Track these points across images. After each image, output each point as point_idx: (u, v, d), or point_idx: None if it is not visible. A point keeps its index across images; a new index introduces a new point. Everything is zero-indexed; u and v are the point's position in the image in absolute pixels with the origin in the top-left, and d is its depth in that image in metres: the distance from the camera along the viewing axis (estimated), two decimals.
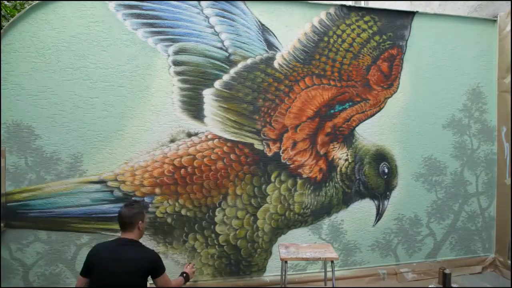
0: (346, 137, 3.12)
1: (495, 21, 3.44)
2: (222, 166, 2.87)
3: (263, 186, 2.95)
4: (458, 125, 3.39)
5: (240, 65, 2.87)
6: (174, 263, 2.83)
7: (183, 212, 2.82)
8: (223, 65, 2.85)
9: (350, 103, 3.11)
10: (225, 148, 2.87)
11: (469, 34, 3.39)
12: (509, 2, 3.32)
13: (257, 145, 2.94)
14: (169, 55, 2.76)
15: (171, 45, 2.76)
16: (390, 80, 3.20)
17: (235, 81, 2.87)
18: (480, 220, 3.49)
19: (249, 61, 2.89)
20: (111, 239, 2.19)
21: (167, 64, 2.77)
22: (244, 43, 2.88)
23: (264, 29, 2.93)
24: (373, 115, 3.18)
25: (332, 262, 2.47)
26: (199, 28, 2.81)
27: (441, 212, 3.39)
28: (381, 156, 3.21)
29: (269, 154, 2.96)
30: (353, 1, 6.16)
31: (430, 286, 3.04)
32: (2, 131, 2.56)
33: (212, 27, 2.83)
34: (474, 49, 3.41)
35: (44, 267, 2.65)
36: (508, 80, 3.34)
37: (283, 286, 2.59)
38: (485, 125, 3.46)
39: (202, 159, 2.83)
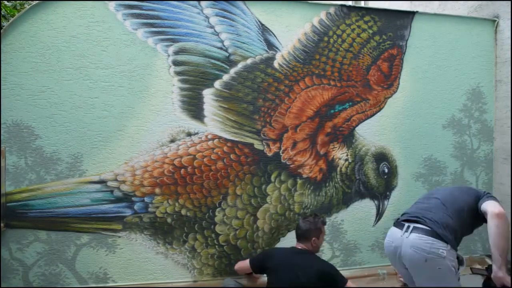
0: (346, 137, 3.12)
1: (495, 21, 3.44)
2: (222, 166, 2.87)
3: (263, 186, 2.95)
4: (458, 125, 3.39)
5: (240, 65, 2.87)
6: (174, 263, 2.83)
7: (183, 212, 2.82)
8: (223, 65, 2.85)
9: (350, 103, 3.11)
10: (225, 148, 2.87)
11: (469, 34, 3.39)
12: (509, 2, 3.32)
13: (257, 145, 2.94)
14: (169, 55, 2.76)
15: (171, 45, 2.76)
16: (390, 80, 3.20)
17: (235, 81, 2.87)
18: None
19: (249, 61, 2.89)
20: (288, 247, 2.35)
21: (167, 64, 2.77)
22: (244, 43, 2.88)
23: (264, 29, 2.93)
24: (373, 115, 3.18)
25: None
26: (199, 28, 2.81)
27: None
28: (381, 156, 3.21)
29: (269, 154, 2.96)
30: (353, 1, 6.16)
31: None
32: (2, 131, 2.56)
33: (212, 27, 2.83)
34: (474, 49, 3.41)
35: (44, 267, 2.65)
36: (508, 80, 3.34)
37: None
38: (485, 125, 3.47)
39: (202, 159, 2.83)
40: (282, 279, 2.17)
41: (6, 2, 4.50)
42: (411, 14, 3.24)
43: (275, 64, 2.95)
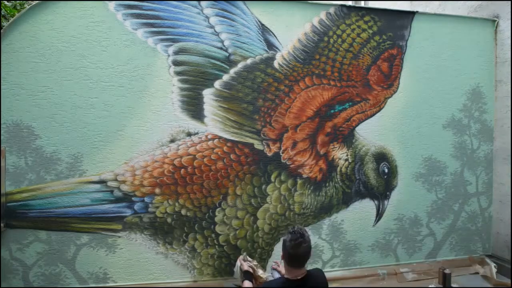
0: (346, 137, 3.12)
1: (495, 21, 3.44)
2: (222, 166, 2.87)
3: (263, 186, 2.95)
4: (458, 125, 3.39)
5: (240, 65, 2.87)
6: (174, 263, 2.83)
7: (183, 212, 2.82)
8: (223, 65, 2.85)
9: (350, 103, 3.11)
10: (225, 148, 2.87)
11: (469, 34, 3.39)
12: (509, 2, 3.32)
13: (257, 145, 2.94)
14: (169, 55, 2.76)
15: (171, 45, 2.76)
16: (390, 80, 3.20)
17: (235, 81, 2.87)
18: (480, 220, 3.49)
19: (249, 61, 2.89)
20: (285, 283, 1.91)
21: (167, 64, 2.77)
22: (244, 43, 2.88)
23: (264, 29, 2.93)
24: (373, 115, 3.18)
25: None
26: (199, 28, 2.81)
27: (441, 212, 3.39)
28: (381, 156, 3.21)
29: (269, 154, 2.96)
30: (353, 1, 6.16)
31: (430, 286, 3.04)
32: (2, 131, 2.56)
33: (212, 27, 2.83)
34: (474, 49, 3.41)
35: (44, 267, 2.65)
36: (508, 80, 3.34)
37: None
38: (485, 125, 3.47)
39: (202, 159, 2.83)
40: None
41: (6, 2, 4.50)
42: (411, 14, 3.24)
43: (275, 64, 2.95)
